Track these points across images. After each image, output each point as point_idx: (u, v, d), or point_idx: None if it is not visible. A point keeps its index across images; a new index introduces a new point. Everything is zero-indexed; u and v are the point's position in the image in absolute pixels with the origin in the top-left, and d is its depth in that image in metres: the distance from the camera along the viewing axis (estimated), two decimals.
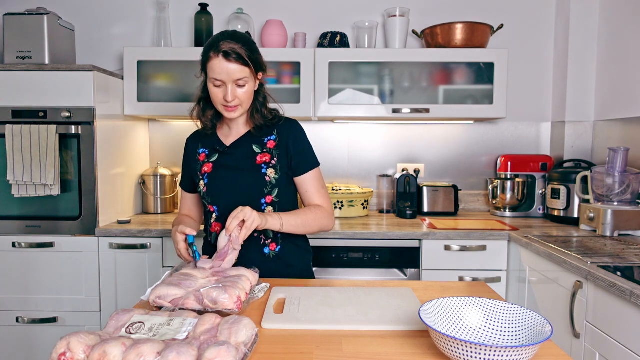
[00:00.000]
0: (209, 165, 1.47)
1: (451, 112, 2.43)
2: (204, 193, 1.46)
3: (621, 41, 2.34)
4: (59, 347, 0.79)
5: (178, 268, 1.28)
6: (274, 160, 1.43)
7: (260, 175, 1.42)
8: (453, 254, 2.16)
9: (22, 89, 2.14)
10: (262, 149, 1.45)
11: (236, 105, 1.36)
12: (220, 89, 1.34)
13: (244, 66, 1.32)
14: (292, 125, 1.49)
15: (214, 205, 1.46)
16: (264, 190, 1.43)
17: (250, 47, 1.35)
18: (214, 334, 0.86)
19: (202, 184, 1.46)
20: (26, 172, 2.09)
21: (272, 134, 1.46)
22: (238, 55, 1.30)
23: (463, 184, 2.79)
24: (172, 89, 2.46)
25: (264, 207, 1.43)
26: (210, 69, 1.33)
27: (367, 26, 2.55)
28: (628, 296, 1.30)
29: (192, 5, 2.69)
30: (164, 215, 2.57)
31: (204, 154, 1.50)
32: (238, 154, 1.45)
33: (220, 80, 1.32)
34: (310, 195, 1.48)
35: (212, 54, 1.31)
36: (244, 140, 1.47)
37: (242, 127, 1.49)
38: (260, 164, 1.43)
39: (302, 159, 1.47)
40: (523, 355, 0.75)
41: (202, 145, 1.51)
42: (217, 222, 1.47)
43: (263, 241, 1.45)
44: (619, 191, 2.09)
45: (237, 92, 1.34)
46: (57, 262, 2.18)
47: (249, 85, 1.36)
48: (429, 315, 0.90)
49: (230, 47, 1.30)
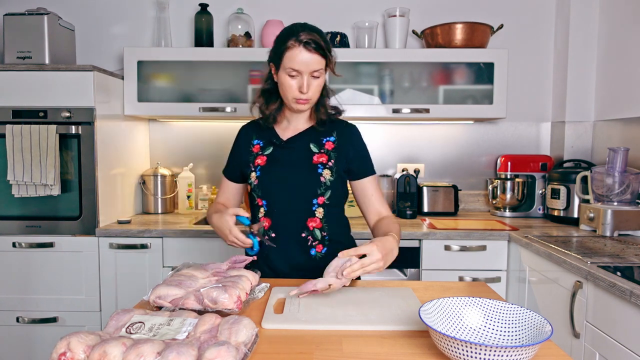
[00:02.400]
0: (262, 157, 1.43)
1: (451, 112, 2.43)
2: (255, 186, 1.42)
3: (621, 41, 2.34)
4: (59, 347, 0.79)
5: (180, 268, 1.27)
6: (331, 162, 1.40)
7: (316, 175, 1.39)
8: (453, 254, 2.16)
9: (22, 89, 2.15)
10: (320, 149, 1.42)
11: (308, 98, 1.34)
12: (295, 79, 1.32)
13: (322, 57, 1.30)
14: (353, 129, 1.47)
15: (263, 199, 1.42)
16: (317, 191, 1.39)
17: (326, 39, 1.33)
18: (214, 334, 0.86)
19: (254, 176, 1.42)
20: (26, 172, 2.09)
21: (332, 135, 1.44)
22: (318, 45, 1.29)
23: (463, 184, 2.79)
24: (172, 89, 2.46)
25: (314, 207, 1.40)
26: (287, 58, 1.29)
27: (367, 26, 2.55)
28: (628, 296, 1.30)
29: (192, 5, 2.69)
30: (164, 215, 2.57)
31: (259, 146, 1.46)
32: (294, 149, 1.42)
33: (296, 71, 1.30)
34: (375, 201, 1.45)
35: (291, 43, 1.28)
36: (302, 136, 1.44)
37: (302, 122, 1.46)
38: (316, 164, 1.40)
39: (363, 163, 1.45)
40: (523, 355, 0.75)
41: (258, 136, 1.48)
42: (265, 217, 1.42)
43: (310, 242, 1.41)
44: (618, 191, 2.09)
45: (311, 83, 1.32)
46: (57, 262, 2.18)
47: (322, 77, 1.34)
48: (429, 315, 0.90)
49: (310, 37, 1.28)
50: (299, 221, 1.40)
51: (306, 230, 1.40)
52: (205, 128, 2.78)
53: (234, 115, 2.43)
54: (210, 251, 2.17)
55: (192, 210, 2.66)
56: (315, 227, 1.41)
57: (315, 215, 1.40)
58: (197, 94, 2.44)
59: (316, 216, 1.40)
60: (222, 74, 2.45)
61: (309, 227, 1.40)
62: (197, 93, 2.44)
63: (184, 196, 2.63)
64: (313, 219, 1.40)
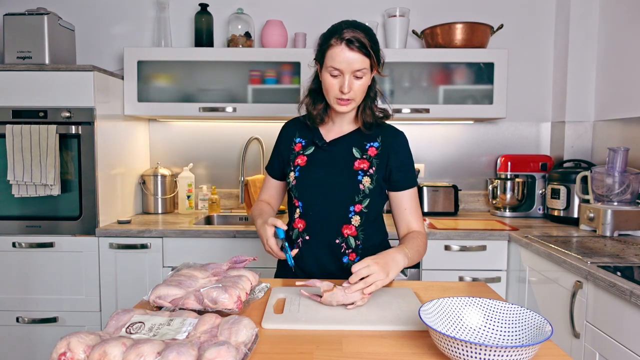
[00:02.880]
0: (303, 157, 1.40)
1: (451, 112, 2.43)
2: (293, 186, 1.39)
3: (621, 41, 2.34)
4: (59, 347, 0.79)
5: (180, 268, 1.27)
6: (372, 169, 1.36)
7: (355, 182, 1.34)
8: (453, 254, 2.16)
9: (22, 89, 2.14)
10: (362, 154, 1.37)
11: (350, 98, 1.29)
12: (336, 79, 1.27)
13: (365, 57, 1.26)
14: (399, 136, 1.42)
15: (300, 200, 1.38)
16: (355, 198, 1.34)
17: (372, 37, 1.28)
18: (214, 334, 0.86)
19: (292, 175, 1.39)
20: (26, 172, 2.09)
21: (376, 140, 1.39)
22: (361, 44, 1.24)
23: (463, 184, 2.79)
24: (172, 89, 2.46)
25: (351, 214, 1.35)
26: (329, 56, 1.26)
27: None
28: (628, 296, 1.30)
29: (192, 5, 2.69)
30: (164, 215, 2.57)
31: (300, 145, 1.42)
32: (336, 152, 1.38)
33: (338, 70, 1.26)
34: (408, 215, 1.40)
35: (333, 41, 1.25)
36: (345, 139, 1.40)
37: (347, 124, 1.42)
38: (357, 170, 1.35)
39: (405, 174, 1.39)
40: (523, 355, 0.75)
41: (300, 135, 1.44)
42: (300, 218, 1.39)
43: (343, 249, 1.37)
44: (618, 191, 2.08)
45: (353, 84, 1.27)
46: (57, 262, 2.18)
47: (365, 77, 1.29)
48: (429, 315, 0.90)
49: (353, 35, 1.24)
50: (334, 227, 1.36)
51: (340, 237, 1.36)
52: (205, 128, 2.78)
53: (234, 115, 2.43)
54: (210, 251, 2.17)
55: (192, 210, 2.66)
56: (350, 234, 1.36)
57: (351, 222, 1.36)
58: (197, 94, 2.44)
59: (352, 224, 1.36)
60: (222, 74, 2.45)
61: (343, 234, 1.36)
62: (197, 93, 2.44)
63: (184, 196, 2.63)
64: (349, 226, 1.36)
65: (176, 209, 2.71)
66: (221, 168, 2.81)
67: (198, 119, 2.67)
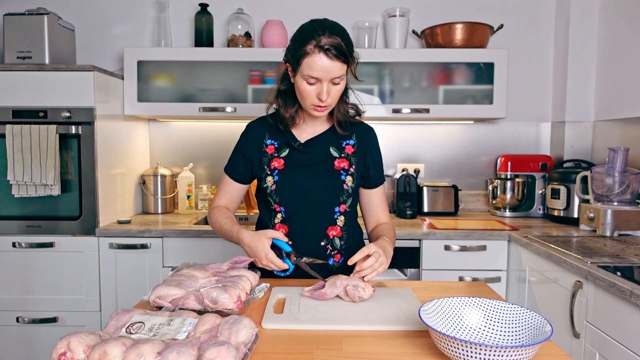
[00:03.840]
0: (279, 160, 1.35)
1: (451, 112, 2.43)
2: (272, 191, 1.33)
3: (621, 41, 2.34)
4: (59, 347, 0.79)
5: (180, 268, 1.27)
6: (352, 168, 1.35)
7: (339, 182, 1.33)
8: (453, 254, 2.16)
9: (22, 89, 2.14)
10: (340, 153, 1.36)
11: (327, 105, 1.26)
12: (313, 86, 1.23)
13: (344, 64, 1.22)
14: (371, 132, 1.43)
15: (281, 205, 1.34)
16: (340, 198, 1.33)
17: (348, 40, 1.23)
18: (214, 334, 0.86)
19: (270, 180, 1.34)
20: (26, 172, 2.09)
21: (351, 138, 1.38)
22: (340, 51, 1.19)
23: (463, 184, 2.79)
24: (172, 89, 2.46)
25: (336, 215, 1.35)
26: (306, 65, 1.20)
27: (367, 26, 2.55)
28: (628, 296, 1.30)
29: (192, 5, 2.69)
30: (164, 215, 2.57)
31: (273, 147, 1.36)
32: (314, 153, 1.35)
33: (315, 78, 1.21)
34: (381, 211, 1.42)
35: (309, 49, 1.18)
36: (321, 138, 1.37)
37: (320, 123, 1.38)
38: (338, 170, 1.34)
39: (377, 172, 1.40)
40: (523, 355, 0.75)
41: (271, 136, 1.37)
42: (282, 223, 1.35)
43: (329, 252, 1.36)
44: (618, 191, 2.08)
45: (331, 90, 1.24)
46: (57, 262, 2.18)
47: (342, 82, 1.25)
48: (429, 315, 0.90)
49: (331, 42, 1.18)
50: (319, 229, 1.35)
51: (326, 239, 1.35)
52: (205, 128, 2.78)
53: (234, 115, 2.43)
54: (210, 251, 2.17)
55: (192, 210, 2.66)
56: (335, 235, 1.35)
57: (337, 223, 1.35)
58: (197, 94, 2.44)
59: (337, 224, 1.35)
60: (222, 74, 2.45)
61: (329, 236, 1.35)
62: (197, 93, 2.44)
63: (183, 196, 2.63)
64: (334, 227, 1.35)
65: (176, 209, 2.71)
66: (221, 168, 2.76)
67: (198, 119, 2.67)
